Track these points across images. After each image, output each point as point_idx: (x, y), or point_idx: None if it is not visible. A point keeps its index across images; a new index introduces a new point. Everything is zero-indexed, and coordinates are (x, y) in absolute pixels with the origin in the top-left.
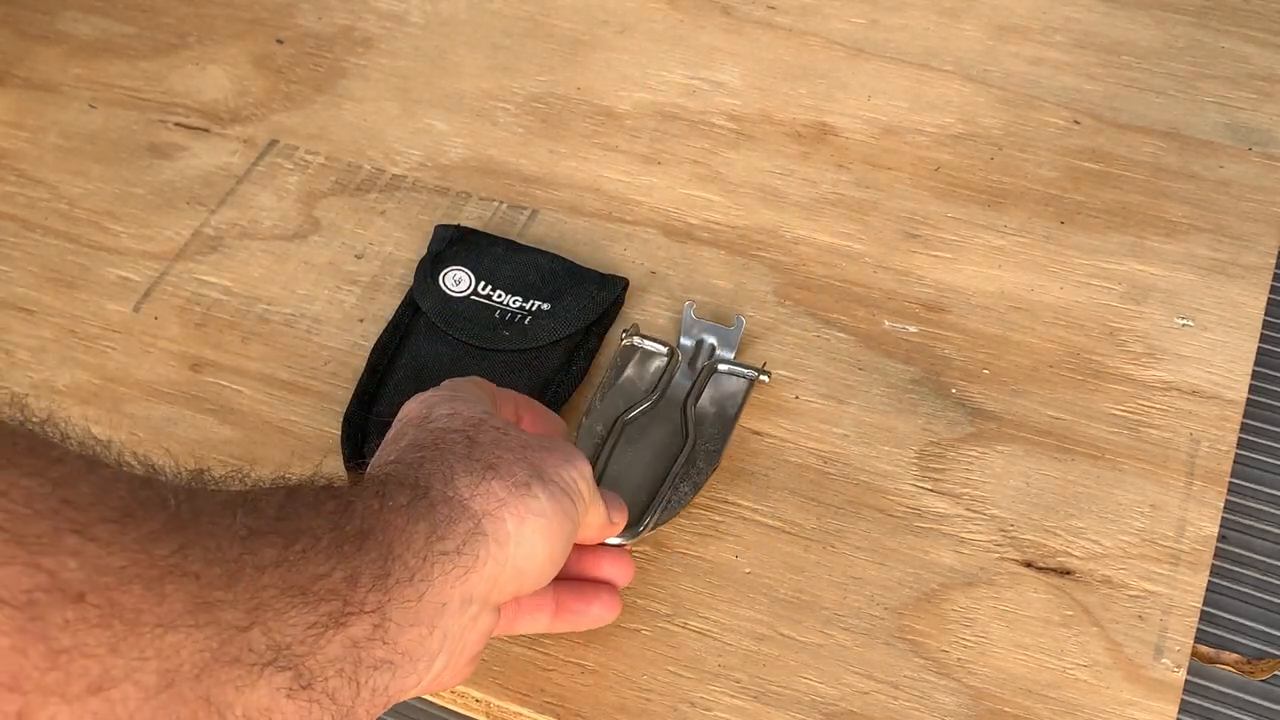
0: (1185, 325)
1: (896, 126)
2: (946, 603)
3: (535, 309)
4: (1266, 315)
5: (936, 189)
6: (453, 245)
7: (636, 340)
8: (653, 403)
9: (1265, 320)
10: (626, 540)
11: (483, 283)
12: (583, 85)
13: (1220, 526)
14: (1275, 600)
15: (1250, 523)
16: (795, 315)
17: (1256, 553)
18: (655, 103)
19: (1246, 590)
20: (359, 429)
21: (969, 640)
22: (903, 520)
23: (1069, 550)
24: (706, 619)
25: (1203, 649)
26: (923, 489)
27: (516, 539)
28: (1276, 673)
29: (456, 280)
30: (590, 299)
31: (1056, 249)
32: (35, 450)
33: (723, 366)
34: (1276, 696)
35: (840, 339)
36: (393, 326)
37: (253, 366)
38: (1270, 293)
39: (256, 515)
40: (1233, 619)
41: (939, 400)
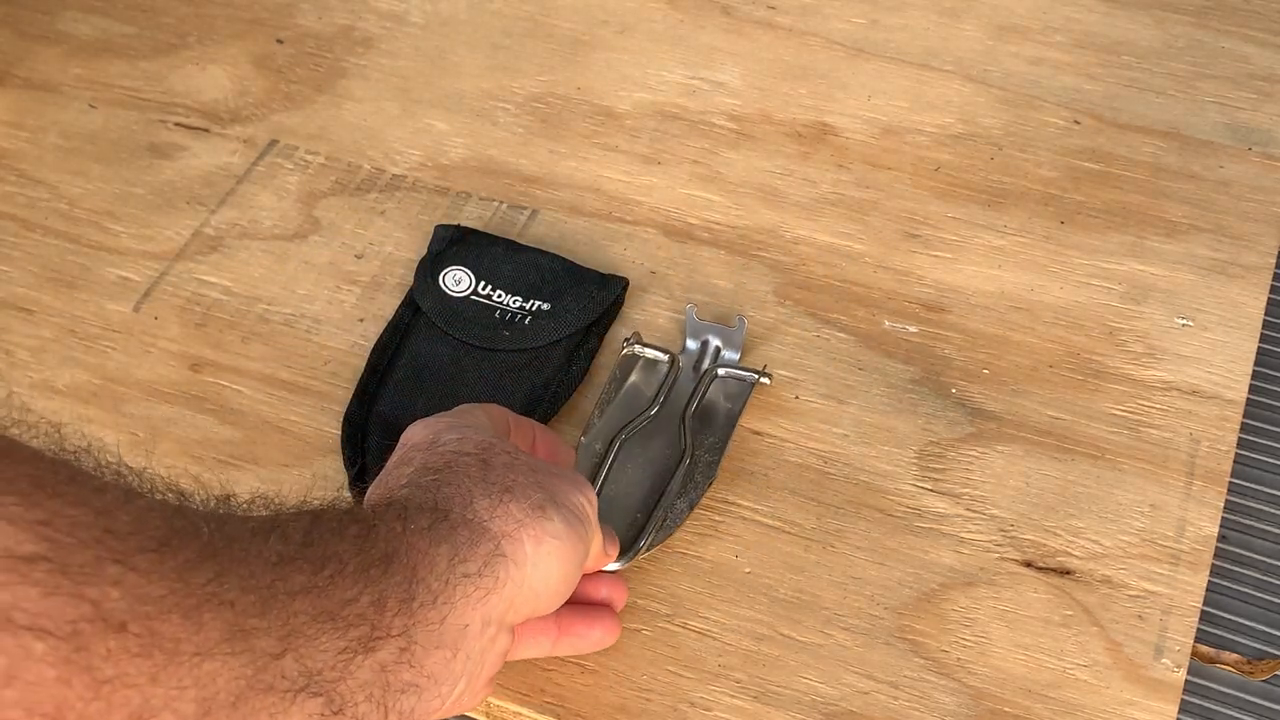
0: (1185, 325)
1: (896, 126)
2: (946, 603)
3: (535, 309)
4: (1266, 315)
5: (936, 189)
6: (453, 245)
7: (637, 349)
8: (652, 415)
9: (1265, 320)
10: (623, 563)
11: (483, 283)
12: (583, 85)
13: (1220, 526)
14: (1275, 600)
15: (1250, 523)
16: (795, 315)
17: (1256, 553)
18: (655, 103)
19: (1246, 590)
20: (359, 429)
21: (969, 640)
22: (903, 520)
23: (1069, 550)
24: (706, 619)
25: (1203, 649)
26: (923, 489)
27: (534, 561)
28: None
29: (456, 280)
30: (590, 299)
31: (1056, 249)
32: (76, 479)
33: (722, 371)
34: (1276, 696)
35: (840, 339)
36: (393, 326)
37: (253, 366)
38: (1270, 293)
39: (285, 541)
40: (1233, 619)
41: (939, 400)
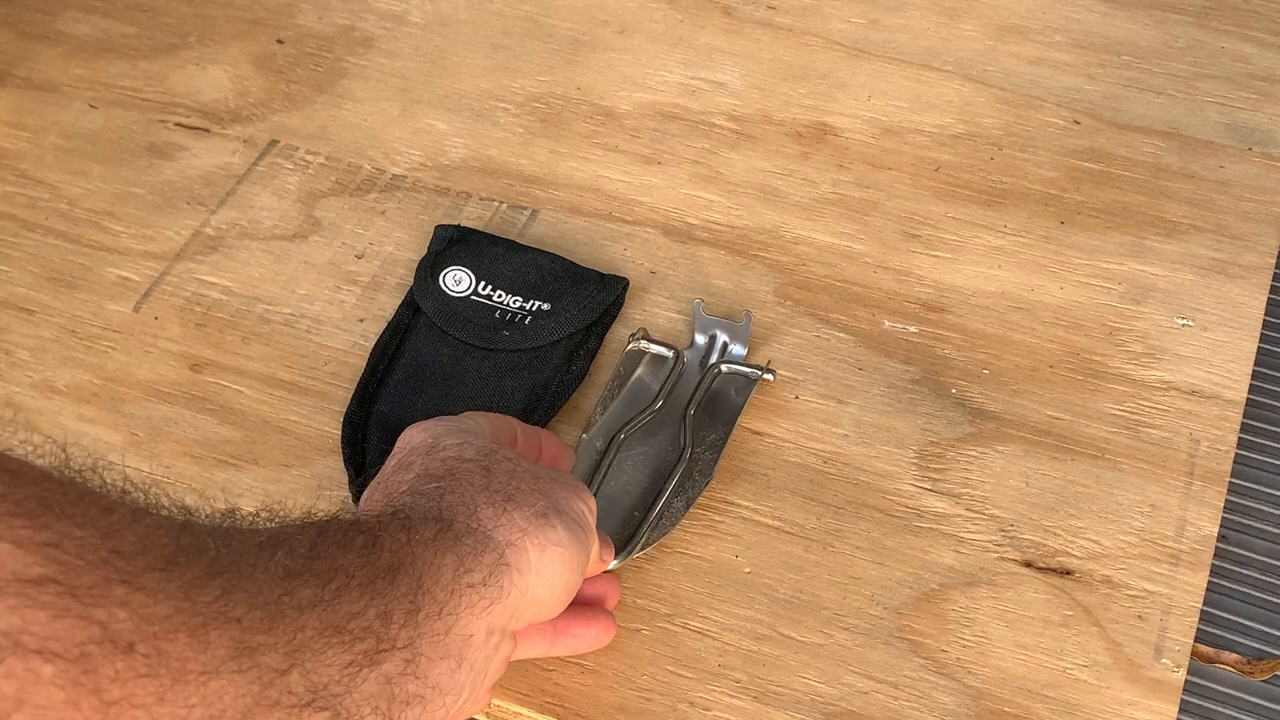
0: (1185, 325)
1: (896, 126)
2: (946, 602)
3: (535, 309)
4: (1266, 315)
5: (936, 189)
6: (453, 245)
7: (643, 344)
8: (655, 411)
9: (1265, 320)
10: (620, 561)
11: (483, 283)
12: (583, 85)
13: (1220, 526)
14: (1275, 600)
15: (1250, 523)
16: (795, 315)
17: (1256, 553)
18: (655, 103)
19: (1246, 590)
20: (359, 429)
21: (969, 640)
22: (903, 520)
23: (1069, 550)
24: (706, 619)
25: (1203, 649)
26: (922, 489)
27: (537, 569)
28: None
29: (457, 280)
30: (590, 299)
31: (1056, 249)
32: (84, 499)
33: (725, 367)
34: (1276, 696)
35: (840, 339)
36: (393, 326)
37: (253, 366)
38: (1270, 293)
39: (291, 555)
40: (1233, 619)
41: (939, 400)
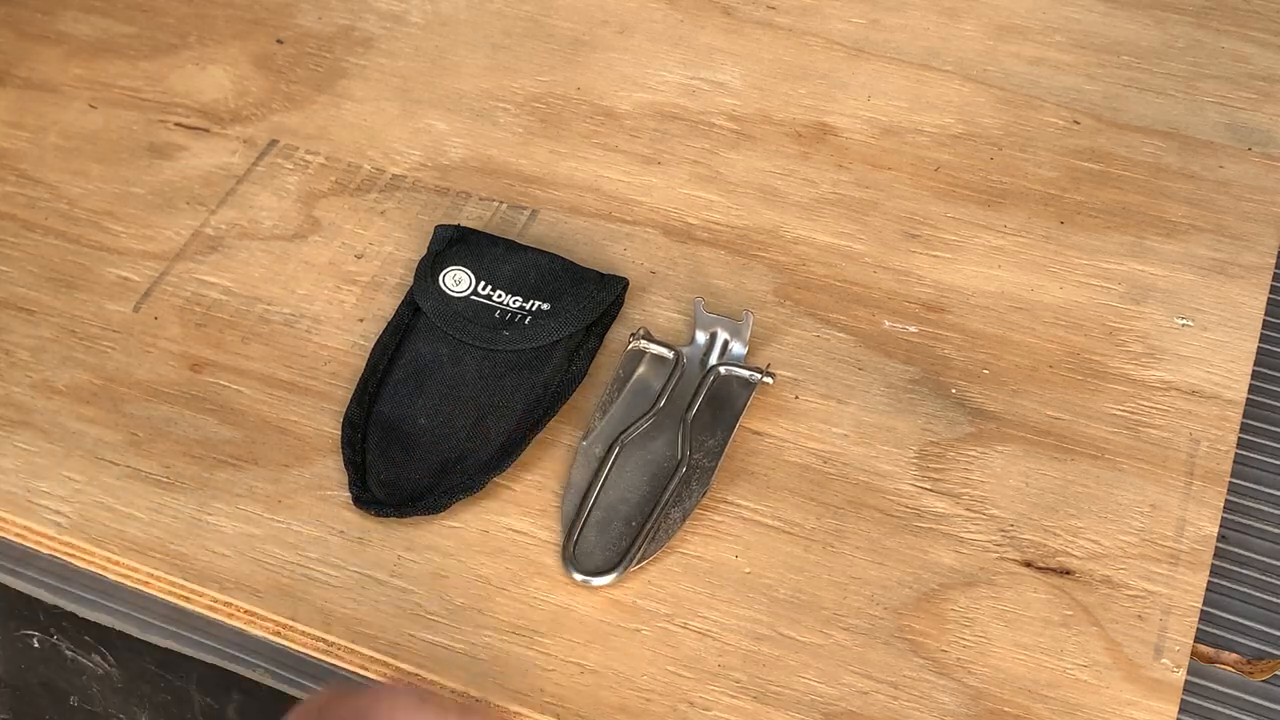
0: (1185, 325)
1: (896, 126)
2: (946, 603)
3: (535, 309)
4: (1266, 315)
5: (936, 189)
6: (453, 245)
7: (643, 344)
8: (655, 413)
9: (1265, 320)
10: (616, 574)
11: (483, 283)
12: (583, 85)
13: (1220, 526)
14: (1275, 600)
15: (1250, 523)
16: (795, 315)
17: (1256, 553)
18: (655, 103)
19: (1246, 590)
20: (359, 429)
21: (969, 640)
22: (902, 520)
23: (1069, 550)
24: (706, 619)
25: (1203, 649)
26: (922, 489)
27: None
28: (1276, 673)
29: (456, 280)
30: (590, 299)
31: (1056, 249)
32: None
33: (724, 370)
34: (1276, 696)
35: (840, 339)
36: (393, 326)
37: (253, 366)
38: (1270, 293)
39: None
40: (1233, 619)
41: (939, 400)
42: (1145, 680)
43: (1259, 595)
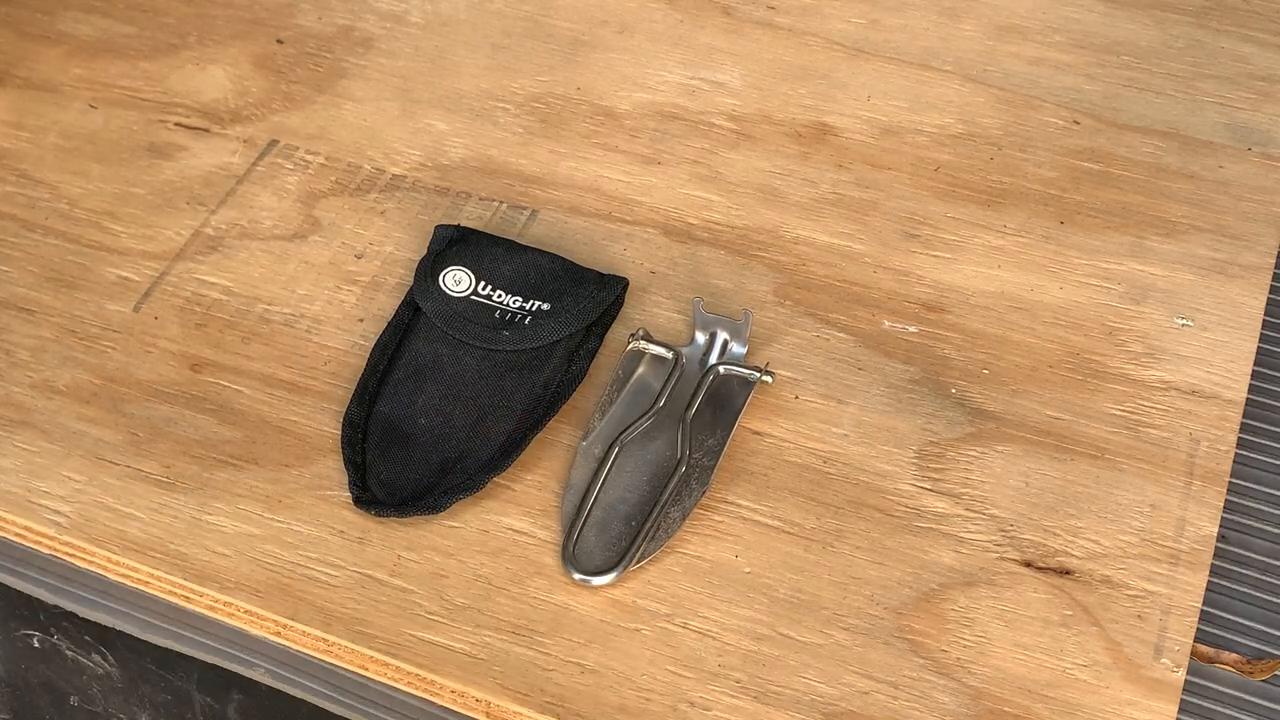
0: (1185, 325)
1: (896, 126)
2: (946, 602)
3: (535, 309)
4: (1266, 315)
5: (936, 189)
6: (453, 245)
7: (643, 344)
8: (655, 413)
9: (1265, 320)
10: (615, 574)
11: (483, 283)
12: (583, 85)
13: (1220, 526)
14: (1275, 600)
15: (1250, 523)
16: (795, 315)
17: (1256, 553)
18: (655, 103)
19: (1246, 590)
20: (359, 429)
21: (968, 640)
22: (902, 520)
23: (1069, 550)
24: (706, 619)
25: (1202, 649)
26: (922, 489)
27: None
28: (1276, 673)
29: (456, 280)
30: (590, 299)
31: (1056, 249)
32: None
33: (723, 369)
34: (1276, 696)
35: (840, 339)
36: (393, 326)
37: (253, 366)
38: (1270, 293)
39: None
40: (1233, 619)
41: (939, 400)
42: (1145, 680)
43: (1259, 595)
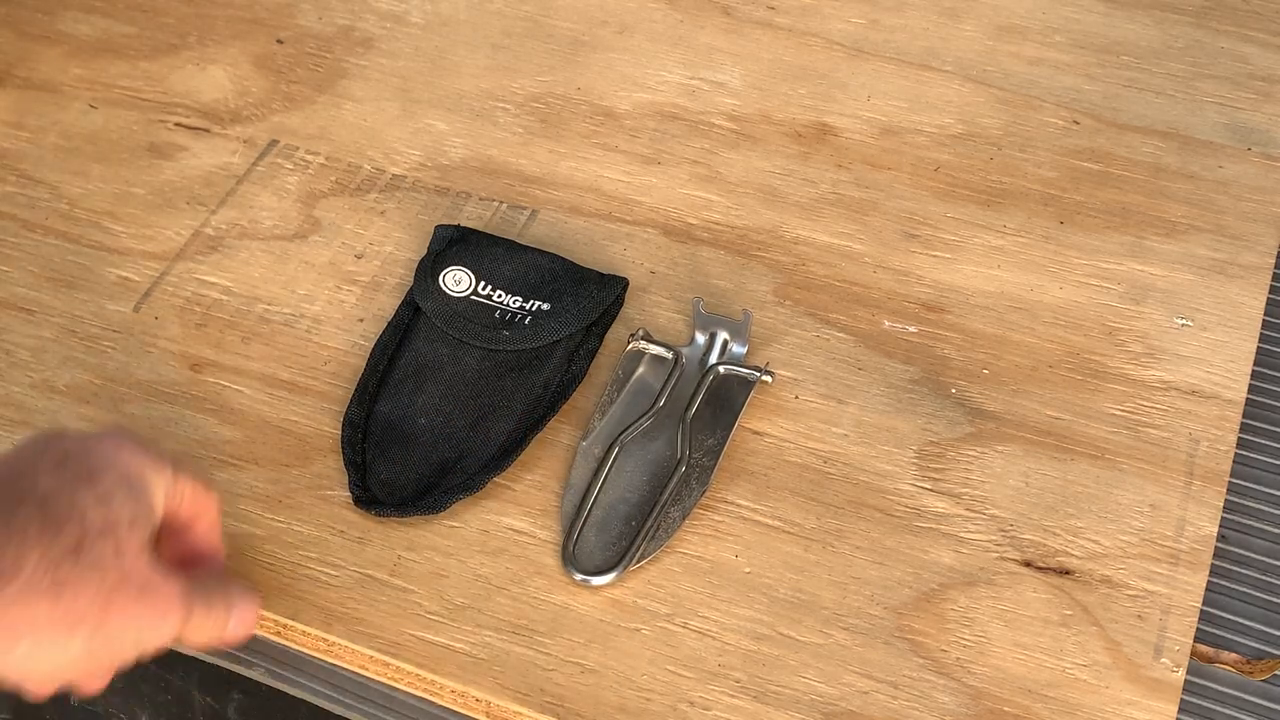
0: (1184, 325)
1: (896, 126)
2: (946, 602)
3: (535, 309)
4: (1266, 315)
5: (936, 189)
6: (453, 245)
7: (643, 344)
8: (654, 413)
9: (1265, 320)
10: (616, 574)
11: (483, 283)
12: (583, 85)
13: (1220, 526)
14: (1275, 600)
15: (1250, 523)
16: (795, 315)
17: (1256, 553)
18: (655, 103)
19: (1246, 590)
20: (359, 429)
21: (968, 640)
22: (902, 520)
23: (1068, 550)
24: (706, 619)
25: (1202, 649)
26: (922, 489)
27: (19, 657)
28: (1276, 673)
29: (457, 280)
30: (590, 299)
31: (1056, 249)
32: None
33: (723, 369)
34: (1276, 696)
35: (840, 339)
36: (393, 326)
37: (253, 366)
38: (1270, 293)
39: None
40: (1233, 619)
41: (939, 400)
42: (1145, 680)
43: (1259, 595)
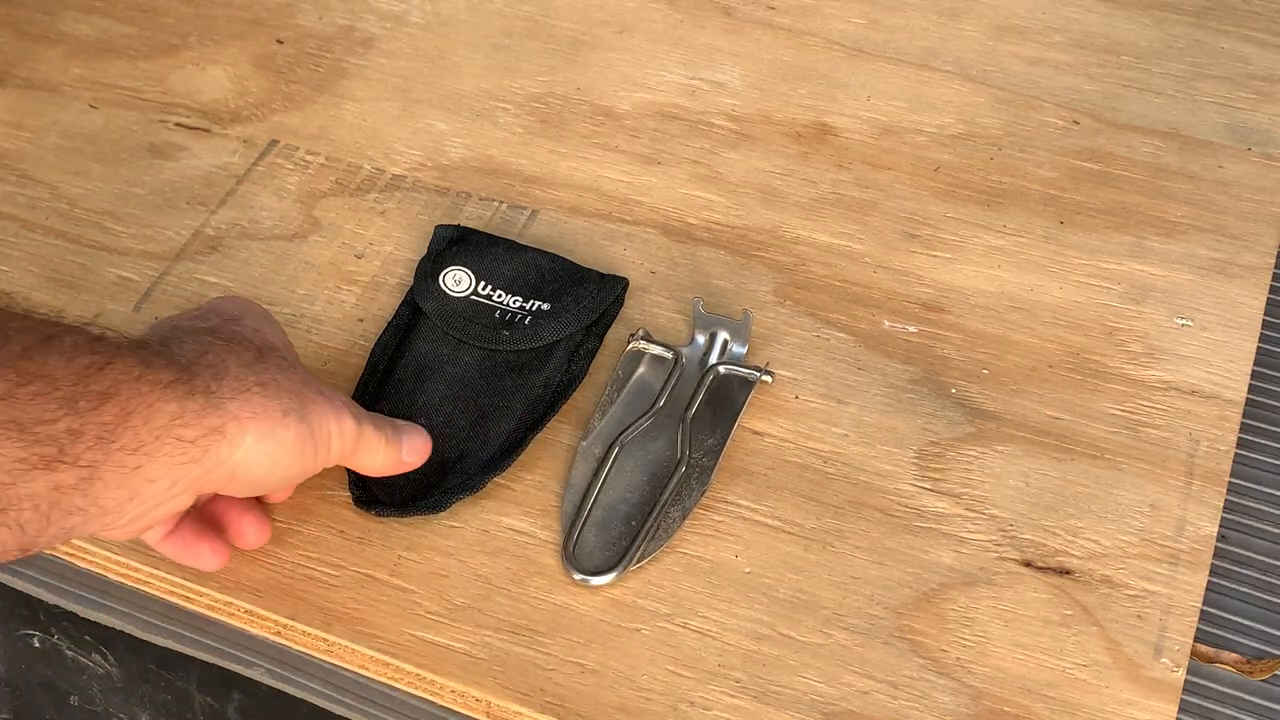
0: (1184, 325)
1: (896, 126)
2: (946, 602)
3: (535, 309)
4: (1266, 315)
5: (936, 189)
6: (453, 245)
7: (643, 344)
8: (654, 413)
9: (1265, 320)
10: (616, 573)
11: (483, 283)
12: (583, 85)
13: (1220, 526)
14: (1275, 600)
15: (1250, 523)
16: (795, 315)
17: (1256, 553)
18: (655, 103)
19: (1246, 590)
20: None
21: (968, 640)
22: (902, 520)
23: (1068, 550)
24: (706, 619)
25: (1202, 649)
26: (922, 489)
27: (249, 451)
28: (1276, 673)
29: (456, 280)
30: (590, 299)
31: (1056, 249)
32: None
33: (723, 369)
34: (1276, 696)
35: (840, 339)
36: (393, 326)
37: None
38: (1270, 293)
39: (5, 350)
40: (1233, 619)
41: (939, 400)
42: (1145, 680)
43: (1259, 595)
